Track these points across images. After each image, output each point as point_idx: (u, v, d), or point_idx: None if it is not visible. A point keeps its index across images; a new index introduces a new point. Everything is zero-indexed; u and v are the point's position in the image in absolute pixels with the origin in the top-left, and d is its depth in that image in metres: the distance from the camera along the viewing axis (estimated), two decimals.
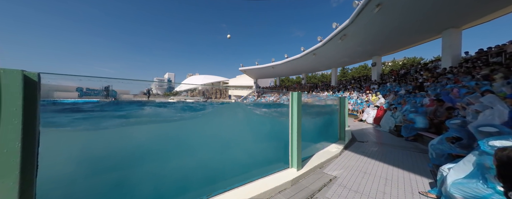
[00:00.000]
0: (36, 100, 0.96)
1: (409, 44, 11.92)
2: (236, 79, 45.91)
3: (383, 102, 8.77)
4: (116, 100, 3.32)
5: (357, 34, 10.81)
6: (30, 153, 0.93)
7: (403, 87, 9.38)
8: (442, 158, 2.53)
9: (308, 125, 3.21)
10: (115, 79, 1.60)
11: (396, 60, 31.48)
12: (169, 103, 8.38)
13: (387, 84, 11.71)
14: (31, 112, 0.93)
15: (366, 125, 7.53)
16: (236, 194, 1.86)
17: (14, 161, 0.86)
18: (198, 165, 1.92)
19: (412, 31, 9.63)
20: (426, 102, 5.75)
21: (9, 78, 0.86)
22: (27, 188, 0.91)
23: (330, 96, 9.16)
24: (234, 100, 27.17)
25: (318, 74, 39.37)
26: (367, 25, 9.51)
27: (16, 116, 0.87)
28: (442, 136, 2.69)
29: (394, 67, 27.48)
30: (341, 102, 4.56)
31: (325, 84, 22.60)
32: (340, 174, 2.55)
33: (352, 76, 28.39)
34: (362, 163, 3.01)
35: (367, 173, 2.61)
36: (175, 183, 1.73)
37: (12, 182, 0.86)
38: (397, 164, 2.95)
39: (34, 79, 0.95)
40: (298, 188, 2.17)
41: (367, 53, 14.12)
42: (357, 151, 3.73)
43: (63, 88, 4.49)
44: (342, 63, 18.59)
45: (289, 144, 2.51)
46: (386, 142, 4.57)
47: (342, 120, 4.46)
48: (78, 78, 1.41)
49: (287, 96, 2.57)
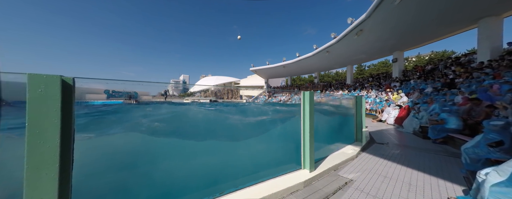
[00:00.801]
0: (72, 102, 1.09)
1: (436, 37, 10.77)
2: (247, 80, 46.31)
3: (406, 101, 8.07)
4: (137, 102, 3.59)
5: (375, 28, 10.10)
6: (67, 148, 1.06)
7: (429, 85, 8.52)
8: (478, 163, 2.24)
9: (321, 125, 3.11)
10: (137, 82, 1.74)
11: (421, 55, 28.78)
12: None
13: (410, 81, 10.75)
14: (68, 112, 1.06)
15: (386, 126, 7.01)
16: (247, 193, 1.87)
17: (54, 155, 0.99)
18: (210, 163, 1.98)
19: (440, 22, 8.68)
20: (458, 100, 5.15)
21: (50, 82, 0.99)
22: (65, 179, 1.04)
23: (345, 95, 8.72)
24: (245, 100, 27.42)
25: (332, 73, 37.77)
26: (387, 18, 8.83)
27: (56, 116, 1.00)
28: (478, 139, 2.38)
29: (419, 62, 25.16)
30: (357, 101, 4.32)
31: (340, 83, 21.59)
32: (356, 177, 2.42)
33: (369, 73, 26.69)
34: (381, 166, 2.81)
35: (388, 177, 2.43)
36: (188, 180, 1.81)
37: (53, 173, 0.99)
38: (422, 168, 2.69)
39: (69, 83, 1.08)
40: (311, 190, 2.11)
41: (387, 48, 13.11)
42: (376, 153, 3.50)
43: (93, 91, 4.95)
44: (358, 60, 17.54)
45: (301, 144, 2.46)
46: (410, 144, 4.20)
47: (358, 120, 4.21)
48: (105, 81, 1.56)
49: (299, 96, 2.51)
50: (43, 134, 0.96)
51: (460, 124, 3.99)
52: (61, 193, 1.01)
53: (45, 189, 0.96)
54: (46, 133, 0.97)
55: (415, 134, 5.23)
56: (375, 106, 10.02)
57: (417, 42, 11.67)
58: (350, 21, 10.79)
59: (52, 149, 0.98)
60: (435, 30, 9.69)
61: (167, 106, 4.16)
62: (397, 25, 9.37)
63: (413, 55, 30.31)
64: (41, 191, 0.95)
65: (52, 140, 0.99)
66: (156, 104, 4.70)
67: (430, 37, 10.77)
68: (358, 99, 4.33)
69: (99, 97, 5.12)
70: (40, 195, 0.95)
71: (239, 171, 2.07)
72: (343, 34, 11.86)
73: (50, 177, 0.98)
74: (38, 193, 0.95)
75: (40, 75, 0.97)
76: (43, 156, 0.96)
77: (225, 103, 14.42)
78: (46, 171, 0.97)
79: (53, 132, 0.99)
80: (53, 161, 0.98)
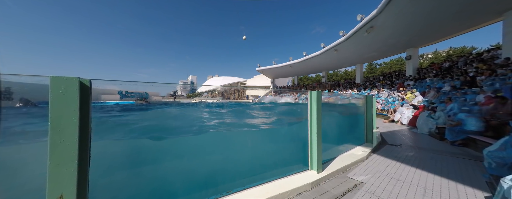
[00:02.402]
0: (89, 102, 1.15)
1: (455, 33, 10.08)
2: (253, 80, 46.34)
3: (421, 100, 7.65)
4: (147, 102, 3.75)
5: (387, 25, 9.66)
6: (84, 146, 1.12)
7: (447, 83, 8.01)
8: (503, 168, 2.07)
9: (329, 125, 3.03)
10: (148, 83, 1.81)
11: (438, 52, 27.12)
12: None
13: (426, 80, 10.17)
14: (85, 112, 1.12)
15: (399, 126, 6.69)
16: (254, 193, 1.88)
17: (73, 152, 1.05)
18: (217, 162, 2.01)
19: (460, 16, 8.11)
20: (480, 99, 4.78)
21: (69, 84, 1.06)
22: (83, 175, 1.10)
23: (355, 95, 8.44)
24: (252, 100, 27.47)
25: (341, 72, 36.72)
26: (400, 13, 8.41)
27: (75, 115, 1.06)
28: (504, 141, 2.20)
29: (435, 59, 23.73)
30: (367, 100, 4.16)
31: (349, 82, 20.93)
32: (366, 180, 2.33)
33: (381, 72, 25.61)
34: (393, 169, 2.69)
35: (400, 180, 2.32)
36: (196, 179, 1.84)
37: (72, 169, 1.05)
38: (439, 172, 2.54)
39: (86, 85, 1.14)
40: (319, 191, 2.07)
41: (400, 45, 12.49)
42: (387, 155, 3.35)
43: (108, 92, 5.32)
44: (368, 58, 16.90)
45: (308, 144, 2.42)
46: (425, 146, 3.97)
47: (369, 121, 4.06)
48: (119, 83, 1.64)
49: (306, 96, 2.47)
50: (63, 133, 1.03)
51: (481, 125, 3.71)
52: (79, 188, 1.07)
53: (65, 184, 1.03)
54: (66, 131, 1.04)
55: (431, 135, 4.94)
56: (387, 105, 9.60)
57: (433, 38, 11.00)
58: (360, 18, 10.43)
59: (71, 146, 1.05)
60: (454, 24, 9.06)
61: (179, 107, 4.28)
62: (412, 20, 8.88)
63: (429, 52, 28.63)
64: (62, 186, 1.02)
65: (71, 138, 1.05)
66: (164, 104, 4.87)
67: (448, 32, 10.09)
68: (369, 98, 4.17)
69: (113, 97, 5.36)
70: (61, 190, 1.02)
71: (245, 171, 2.08)
72: (353, 32, 11.48)
73: (70, 173, 1.04)
74: (59, 188, 1.01)
75: (61, 78, 1.04)
76: (63, 154, 1.03)
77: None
78: (66, 167, 1.03)
79: (72, 131, 1.05)
80: (72, 158, 1.05)
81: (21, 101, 2.08)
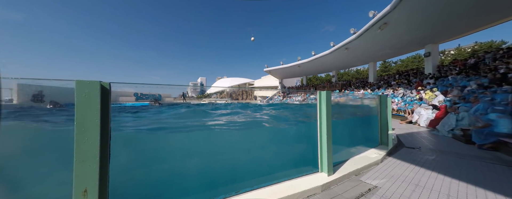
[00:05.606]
0: (109, 103, 1.24)
1: (481, 26, 9.23)
2: (261, 80, 46.36)
3: (442, 100, 7.10)
4: (160, 103, 3.93)
5: (403, 20, 9.15)
6: (105, 144, 1.20)
7: (473, 81, 7.35)
8: None
9: (340, 126, 2.94)
10: (160, 85, 1.91)
11: (462, 47, 25.09)
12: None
13: (448, 77, 9.43)
14: (105, 113, 1.21)
15: (417, 128, 6.26)
16: (262, 194, 1.87)
17: (95, 150, 1.14)
18: (226, 162, 2.03)
19: (487, 7, 7.43)
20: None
21: (92, 87, 1.15)
22: (104, 171, 1.19)
23: (368, 95, 8.08)
24: (260, 100, 27.46)
25: (352, 71, 35.39)
26: (417, 8, 7.92)
27: (96, 116, 1.15)
28: None
29: (458, 56, 21.96)
30: (382, 100, 3.97)
31: (361, 81, 20.10)
32: (381, 184, 2.22)
33: (397, 70, 24.27)
34: (412, 173, 2.52)
35: (420, 185, 2.17)
36: (207, 177, 1.89)
37: (95, 166, 1.13)
38: (465, 178, 2.33)
39: (107, 88, 1.23)
40: (330, 194, 2.01)
41: (416, 41, 11.74)
42: (405, 158, 3.15)
43: (125, 94, 5.62)
44: (382, 56, 16.10)
45: (317, 146, 2.36)
46: (448, 149, 3.67)
47: (383, 122, 3.86)
48: (135, 85, 1.74)
49: (316, 96, 2.42)
50: (86, 132, 1.12)
51: None
52: (101, 183, 1.15)
53: (89, 179, 1.11)
54: (89, 131, 1.13)
55: (455, 138, 4.56)
56: (404, 105, 9.04)
57: (455, 33, 10.18)
58: (372, 15, 10.01)
59: (93, 145, 1.13)
60: (480, 17, 8.28)
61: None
62: (430, 15, 8.31)
63: (451, 48, 26.58)
64: (86, 181, 1.10)
65: (94, 137, 1.14)
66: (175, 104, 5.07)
67: (471, 26, 9.26)
68: (383, 98, 3.97)
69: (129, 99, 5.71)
70: (85, 185, 1.10)
71: (254, 171, 2.08)
72: (364, 29, 11.04)
73: (93, 169, 1.13)
74: (84, 182, 1.10)
75: (84, 81, 1.13)
76: (87, 151, 1.11)
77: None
78: (89, 164, 1.12)
79: (94, 130, 1.14)
80: (94, 156, 1.13)
81: (51, 103, 2.29)
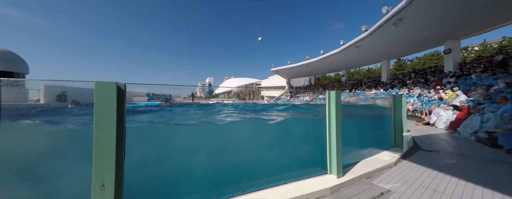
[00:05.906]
0: (124, 103, 1.32)
1: (510, 19, 8.42)
2: (268, 80, 46.22)
3: (465, 100, 6.59)
4: (170, 103, 4.08)
5: (419, 16, 8.63)
6: (121, 142, 1.28)
7: (500, 79, 6.74)
8: None
9: (349, 127, 2.85)
10: (171, 86, 1.98)
11: (487, 43, 23.13)
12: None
13: (471, 76, 8.73)
14: (121, 112, 1.28)
15: (435, 130, 5.88)
16: (270, 194, 1.87)
17: (111, 146, 1.21)
18: (234, 161, 2.06)
19: None
20: None
21: (109, 88, 1.23)
22: (120, 167, 1.26)
23: (380, 95, 7.72)
24: (267, 100, 27.36)
25: (364, 70, 34.08)
26: (434, 2, 7.43)
27: (113, 115, 1.22)
28: None
29: (483, 52, 20.25)
30: (396, 100, 3.78)
31: (373, 81, 19.25)
32: (395, 188, 2.12)
33: (413, 68, 22.96)
34: (429, 178, 2.38)
35: (438, 191, 2.04)
36: (215, 176, 1.93)
37: (111, 161, 1.21)
38: (489, 184, 2.15)
39: (122, 88, 1.31)
40: (339, 197, 1.96)
41: (435, 38, 11.02)
42: (421, 162, 2.98)
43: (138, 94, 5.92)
44: (396, 54, 15.31)
45: (326, 147, 2.31)
46: (471, 154, 3.41)
47: (397, 123, 3.68)
48: (147, 86, 1.83)
49: (324, 96, 2.37)
50: (104, 130, 1.19)
51: None
52: (117, 179, 1.23)
53: (106, 174, 1.19)
54: (106, 129, 1.20)
55: (478, 141, 4.22)
56: (421, 106, 8.53)
57: (480, 27, 9.39)
58: (386, 11, 9.56)
59: (110, 142, 1.21)
60: (509, 9, 7.56)
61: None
62: (451, 8, 7.75)
63: (475, 44, 24.57)
64: (103, 176, 1.18)
65: (110, 135, 1.21)
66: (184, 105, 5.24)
67: (500, 19, 8.48)
68: (397, 98, 3.78)
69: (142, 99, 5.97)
70: (103, 179, 1.18)
71: (261, 170, 2.09)
72: (377, 26, 10.57)
73: (109, 165, 1.20)
74: (101, 177, 1.18)
75: (103, 82, 1.21)
76: (104, 148, 1.19)
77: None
78: (107, 160, 1.20)
79: (111, 128, 1.21)
80: (111, 152, 1.21)
81: (73, 103, 2.48)
